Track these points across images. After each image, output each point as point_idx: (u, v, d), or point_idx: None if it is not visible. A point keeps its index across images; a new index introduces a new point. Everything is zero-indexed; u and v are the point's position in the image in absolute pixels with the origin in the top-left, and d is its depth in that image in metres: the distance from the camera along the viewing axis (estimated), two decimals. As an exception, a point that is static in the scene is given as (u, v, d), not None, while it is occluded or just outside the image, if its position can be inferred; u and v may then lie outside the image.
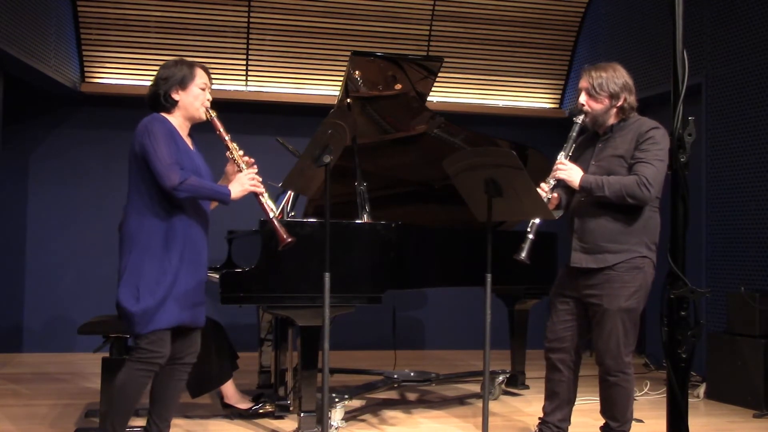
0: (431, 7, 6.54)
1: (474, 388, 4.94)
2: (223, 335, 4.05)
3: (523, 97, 7.03)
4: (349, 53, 4.07)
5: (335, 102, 4.31)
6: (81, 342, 5.42)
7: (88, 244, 6.28)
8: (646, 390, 4.87)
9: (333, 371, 4.62)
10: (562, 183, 3.25)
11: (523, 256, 3.14)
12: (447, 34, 6.69)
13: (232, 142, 3.07)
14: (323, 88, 6.57)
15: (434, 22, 6.61)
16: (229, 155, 3.08)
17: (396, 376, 4.58)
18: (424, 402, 4.59)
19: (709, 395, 4.75)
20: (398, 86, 4.31)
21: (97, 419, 3.70)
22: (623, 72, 3.25)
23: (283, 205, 4.27)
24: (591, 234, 3.20)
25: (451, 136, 4.55)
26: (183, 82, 3.00)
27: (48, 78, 5.59)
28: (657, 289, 2.40)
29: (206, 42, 6.34)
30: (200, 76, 3.04)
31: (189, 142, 3.06)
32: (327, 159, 3.16)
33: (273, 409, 4.03)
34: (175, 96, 3.00)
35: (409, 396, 4.73)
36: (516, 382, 4.92)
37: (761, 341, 4.44)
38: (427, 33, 6.64)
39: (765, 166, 4.90)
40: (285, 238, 3.05)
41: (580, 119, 3.25)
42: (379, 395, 4.62)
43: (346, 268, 3.65)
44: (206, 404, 4.24)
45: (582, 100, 3.26)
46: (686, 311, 2.06)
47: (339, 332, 4.88)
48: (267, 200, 3.07)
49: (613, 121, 3.25)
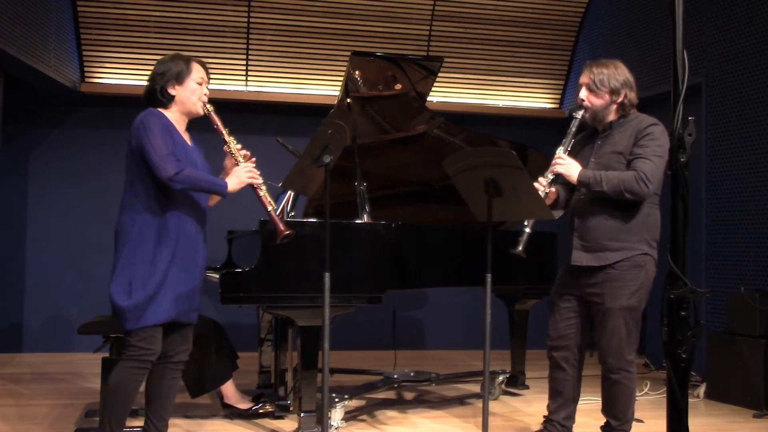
0: (431, 7, 6.54)
1: (474, 388, 4.94)
2: (223, 335, 4.05)
3: (523, 97, 7.03)
4: (349, 53, 4.07)
5: (335, 102, 4.31)
6: (81, 342, 5.42)
7: (88, 244, 6.28)
8: (646, 390, 4.87)
9: (333, 371, 4.62)
10: (560, 178, 3.25)
11: (519, 249, 3.15)
12: (447, 34, 6.69)
13: (230, 136, 3.06)
14: (323, 88, 6.57)
15: (434, 22, 6.61)
16: (227, 149, 3.06)
17: (396, 376, 4.58)
18: (424, 402, 4.59)
19: (709, 395, 4.75)
20: (398, 86, 4.31)
21: (98, 419, 3.70)
22: (624, 69, 3.25)
23: (283, 205, 4.27)
24: (591, 232, 3.19)
25: (451, 136, 4.55)
26: (179, 76, 2.98)
27: (48, 78, 5.59)
28: (657, 288, 2.40)
29: (206, 42, 6.34)
30: (197, 71, 3.02)
31: (186, 137, 3.05)
32: (327, 159, 3.16)
33: (273, 409, 4.03)
34: (172, 91, 2.98)
35: (409, 396, 4.73)
36: (516, 382, 4.93)
37: (761, 341, 4.44)
38: (427, 33, 6.64)
39: (765, 166, 4.90)
40: (283, 230, 3.02)
41: (579, 114, 3.25)
42: (379, 395, 4.62)
43: (346, 268, 3.65)
44: (206, 404, 4.24)
45: (582, 96, 3.26)
46: (686, 311, 2.06)
47: (339, 332, 4.87)
48: (265, 193, 3.04)
49: (612, 117, 3.25)
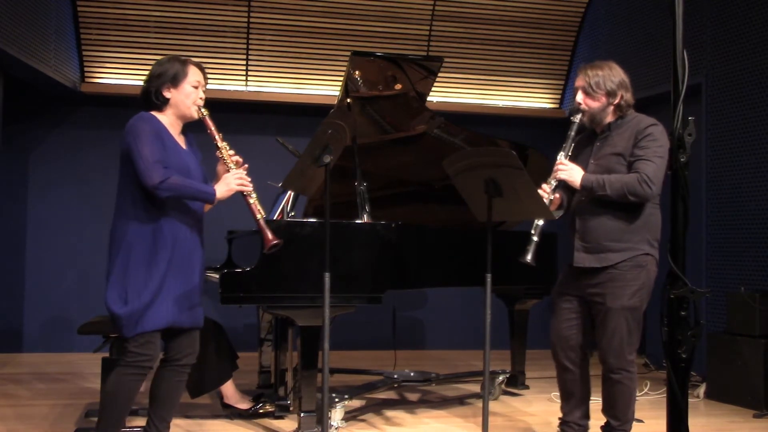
0: (431, 7, 6.54)
1: (474, 388, 4.94)
2: (223, 335, 4.04)
3: (523, 97, 7.03)
4: (349, 53, 4.07)
5: (335, 102, 4.31)
6: (81, 342, 5.43)
7: (88, 244, 6.28)
8: (646, 390, 4.87)
9: (333, 371, 4.62)
10: (563, 183, 3.25)
11: (528, 258, 3.14)
12: (447, 34, 6.69)
13: (223, 141, 3.02)
14: (323, 88, 6.57)
15: (434, 22, 6.61)
16: (219, 155, 3.03)
17: (396, 376, 4.58)
18: (424, 402, 4.59)
19: (709, 395, 4.75)
20: (398, 86, 4.31)
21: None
22: (619, 70, 3.25)
23: (283, 205, 4.26)
24: (593, 233, 3.20)
25: (451, 136, 4.55)
26: (175, 79, 2.94)
27: (48, 78, 5.59)
28: (659, 288, 2.39)
29: (206, 42, 6.34)
30: (193, 74, 2.98)
31: (181, 141, 3.01)
32: (327, 159, 3.15)
33: (273, 409, 4.03)
34: (167, 94, 2.95)
35: (409, 396, 4.73)
36: (516, 382, 4.93)
37: (761, 341, 4.44)
38: (427, 33, 6.64)
39: (765, 166, 4.90)
40: (271, 239, 2.98)
41: (577, 118, 3.25)
42: (379, 395, 4.62)
43: (346, 268, 3.65)
44: (206, 404, 4.24)
45: (579, 99, 3.26)
46: (686, 311, 2.06)
47: (339, 332, 4.87)
48: (255, 201, 2.99)
49: (610, 118, 3.25)
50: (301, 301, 3.58)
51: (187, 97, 2.96)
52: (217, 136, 3.00)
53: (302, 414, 3.60)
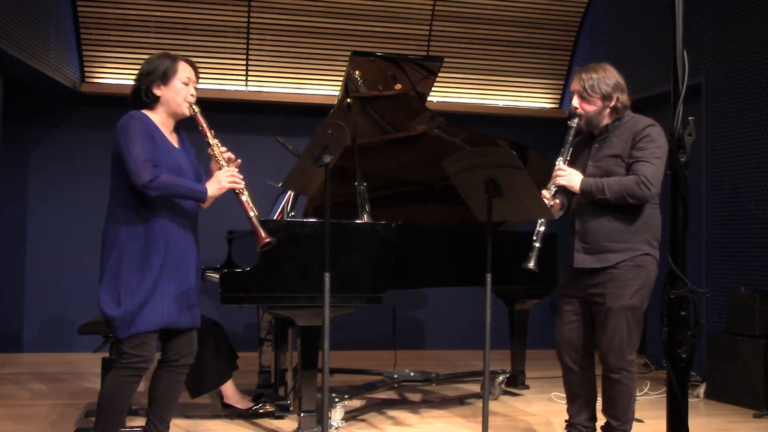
0: (431, 7, 6.54)
1: (474, 388, 4.94)
2: (223, 335, 4.04)
3: (523, 97, 7.03)
4: (349, 53, 4.07)
5: (335, 102, 4.31)
6: (80, 342, 5.43)
7: (88, 244, 6.27)
8: (646, 390, 4.87)
9: (333, 371, 4.62)
10: (563, 188, 3.26)
11: (531, 265, 3.15)
12: (447, 34, 6.69)
13: (215, 139, 2.97)
14: (323, 88, 6.57)
15: (434, 22, 6.61)
16: (211, 152, 2.98)
17: (396, 376, 4.58)
18: (424, 402, 4.59)
19: (709, 395, 4.75)
20: (398, 86, 4.31)
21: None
22: (614, 72, 3.25)
23: (283, 205, 4.26)
24: (592, 234, 3.20)
25: (451, 136, 4.55)
26: (165, 76, 2.89)
27: (48, 78, 5.59)
28: (658, 288, 2.39)
29: (206, 42, 6.34)
30: (183, 70, 2.93)
31: (173, 139, 2.97)
32: (327, 159, 3.15)
33: (273, 409, 4.03)
34: (157, 91, 2.90)
35: (409, 396, 4.73)
36: (516, 382, 4.93)
37: (761, 341, 4.44)
38: (427, 33, 6.64)
39: (765, 166, 4.90)
40: (264, 237, 2.94)
41: (574, 122, 3.26)
42: (379, 395, 4.62)
43: (346, 268, 3.65)
44: (206, 404, 4.24)
45: (575, 104, 3.26)
46: (686, 311, 2.06)
47: (339, 332, 4.88)
48: (248, 198, 2.95)
49: (607, 121, 3.26)
50: (301, 301, 3.57)
51: (178, 94, 2.92)
52: (208, 134, 2.96)
53: (302, 414, 3.60)
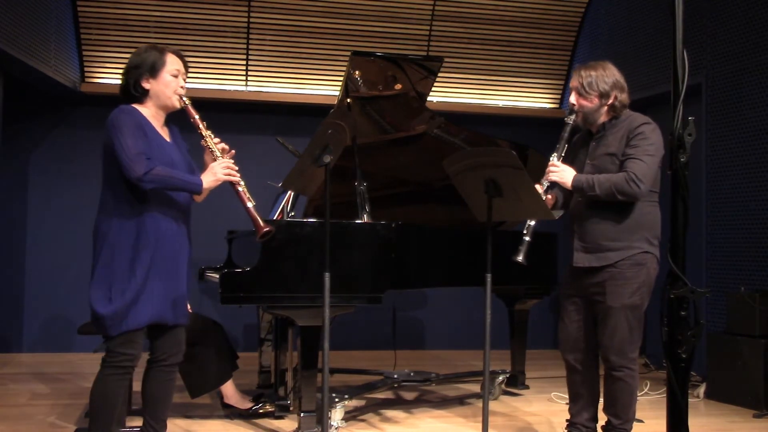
0: (431, 7, 6.54)
1: (474, 388, 4.94)
2: (223, 335, 4.05)
3: (523, 97, 7.03)
4: (349, 53, 4.07)
5: (335, 102, 4.31)
6: (80, 342, 5.43)
7: (88, 244, 6.23)
8: (646, 390, 4.87)
9: (333, 371, 4.62)
10: (557, 184, 3.26)
11: (520, 258, 3.15)
12: (447, 34, 6.69)
13: (208, 130, 2.94)
14: (323, 88, 6.57)
15: (434, 22, 6.61)
16: (204, 143, 2.95)
17: (396, 376, 4.58)
18: (424, 402, 4.59)
19: (709, 395, 4.75)
20: (398, 86, 4.31)
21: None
22: (614, 70, 3.24)
23: (283, 205, 4.26)
24: (591, 233, 3.20)
25: (451, 136, 4.55)
26: (153, 69, 2.86)
27: (48, 78, 5.59)
28: (659, 287, 2.39)
29: (206, 42, 6.34)
30: (172, 62, 2.89)
31: (165, 132, 2.94)
32: (327, 159, 3.16)
33: (273, 409, 4.03)
34: (146, 85, 2.86)
35: (409, 396, 4.73)
36: (516, 382, 4.93)
37: (761, 341, 4.43)
38: (427, 33, 6.64)
39: (765, 166, 4.90)
40: (263, 226, 2.92)
41: (570, 119, 3.26)
42: (379, 395, 4.62)
43: (346, 268, 3.65)
44: (206, 404, 4.24)
45: (572, 100, 3.27)
46: (686, 311, 2.06)
47: (339, 332, 4.88)
48: (244, 189, 2.92)
49: (604, 119, 3.26)
50: (301, 301, 3.57)
51: (167, 87, 2.88)
52: (201, 125, 2.92)
53: (302, 414, 3.60)
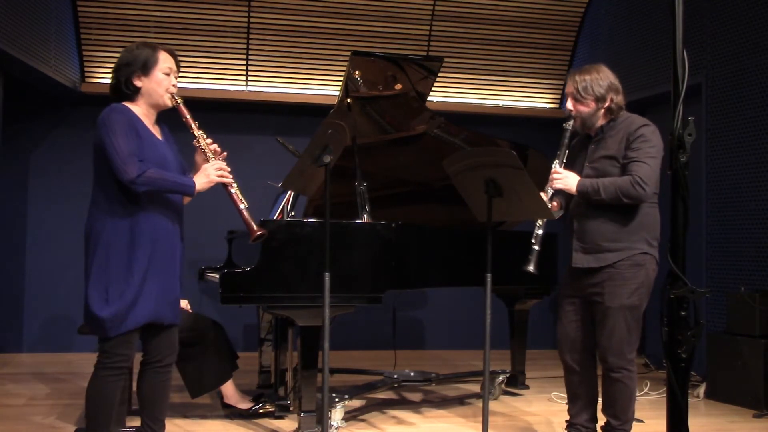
0: (431, 7, 6.54)
1: (474, 388, 4.94)
2: (223, 335, 4.05)
3: (523, 97, 7.03)
4: (349, 53, 4.07)
5: (335, 102, 4.31)
6: (81, 342, 5.43)
7: (88, 244, 6.27)
8: (646, 390, 4.87)
9: (333, 371, 4.62)
10: (560, 190, 3.26)
11: (531, 268, 3.16)
12: (447, 34, 6.69)
13: (200, 130, 2.91)
14: (323, 88, 6.57)
15: (434, 22, 6.61)
16: (196, 144, 2.92)
17: (396, 376, 4.58)
18: (424, 402, 4.59)
19: (709, 395, 4.75)
20: (398, 86, 4.31)
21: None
22: (608, 73, 3.25)
23: (283, 205, 4.26)
24: (590, 234, 3.21)
25: (451, 136, 4.55)
26: (145, 67, 2.81)
27: (48, 78, 5.59)
28: (658, 287, 2.39)
29: (206, 42, 6.34)
30: (164, 60, 2.85)
31: (156, 131, 2.90)
32: (327, 159, 3.16)
33: (273, 409, 4.03)
34: (137, 83, 2.82)
35: (409, 396, 4.73)
36: (516, 382, 4.93)
37: (761, 341, 4.43)
38: (427, 33, 6.64)
39: (765, 165, 4.90)
40: (256, 230, 2.91)
41: (569, 125, 3.27)
42: (379, 395, 4.62)
43: (346, 268, 3.65)
44: (206, 404, 4.24)
45: (569, 106, 3.27)
46: (686, 311, 2.05)
47: (339, 332, 4.88)
48: (237, 191, 2.90)
49: (602, 122, 3.26)
50: (301, 301, 3.57)
51: (159, 85, 2.84)
52: (193, 125, 2.90)
53: (302, 414, 3.60)
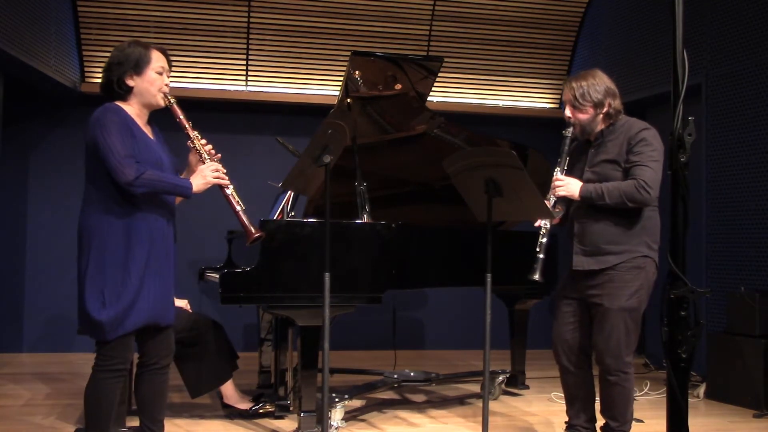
0: (431, 7, 6.54)
1: (474, 388, 4.94)
2: (222, 335, 4.05)
3: (523, 97, 7.03)
4: (349, 53, 4.07)
5: (335, 102, 4.31)
6: (81, 342, 5.42)
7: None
8: (646, 390, 4.87)
9: (333, 371, 4.62)
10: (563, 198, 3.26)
11: (536, 277, 3.16)
12: (447, 34, 6.69)
13: (194, 131, 2.89)
14: (323, 88, 6.57)
15: (434, 22, 6.61)
16: (191, 144, 2.89)
17: (396, 376, 4.58)
18: (424, 402, 4.59)
19: (709, 395, 4.75)
20: (398, 86, 4.31)
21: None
22: (604, 78, 3.25)
23: (283, 205, 4.26)
24: (590, 237, 3.21)
25: (451, 136, 4.55)
26: (138, 66, 2.78)
27: (48, 78, 5.58)
28: (658, 289, 2.40)
29: (206, 42, 6.34)
30: (157, 59, 2.82)
31: (148, 131, 2.86)
32: (327, 159, 3.16)
33: (273, 409, 4.03)
34: (130, 82, 2.79)
35: (409, 396, 4.73)
36: (516, 382, 4.93)
37: (761, 341, 4.43)
38: (427, 33, 6.64)
39: (765, 165, 4.90)
40: (253, 232, 2.91)
41: (569, 132, 3.27)
42: (379, 395, 4.62)
43: (346, 268, 3.65)
44: (206, 404, 4.24)
45: (567, 113, 3.27)
46: (686, 311, 2.05)
47: (339, 332, 4.88)
48: (233, 192, 2.88)
49: (601, 126, 3.26)
50: (301, 301, 3.57)
51: (152, 85, 2.81)
52: (187, 125, 2.87)
53: (302, 414, 3.60)
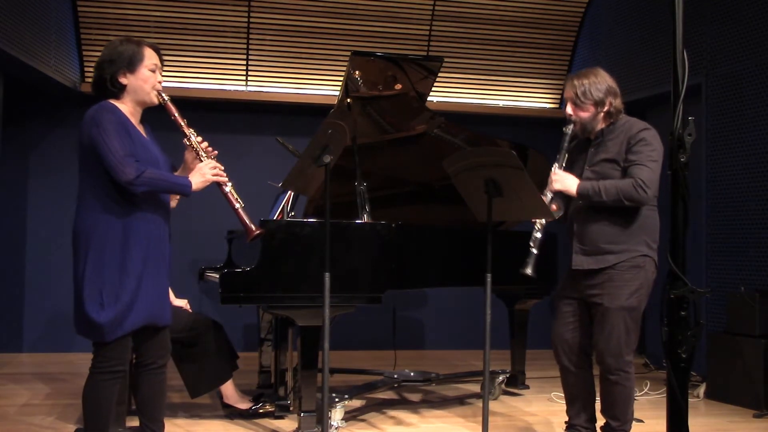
0: (431, 7, 6.54)
1: (474, 388, 4.94)
2: (222, 335, 4.05)
3: (523, 97, 7.03)
4: (349, 53, 4.07)
5: (335, 102, 4.31)
6: (81, 342, 5.41)
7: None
8: (646, 390, 4.87)
9: (333, 371, 4.61)
10: (559, 192, 3.26)
11: (529, 271, 3.16)
12: (447, 34, 6.69)
13: (189, 128, 2.86)
14: (323, 88, 6.57)
15: (434, 22, 6.61)
16: (187, 142, 2.86)
17: (396, 376, 4.58)
18: (424, 402, 4.59)
19: (709, 395, 4.75)
20: (398, 86, 4.31)
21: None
22: (605, 76, 3.26)
23: (283, 205, 4.26)
24: (590, 236, 3.21)
25: (451, 136, 4.55)
26: (131, 63, 2.75)
27: (48, 78, 5.58)
28: (658, 289, 2.40)
29: (206, 42, 6.34)
30: (150, 57, 2.79)
31: (141, 129, 2.83)
32: (327, 159, 3.16)
33: (273, 409, 4.03)
34: (123, 80, 2.75)
35: (409, 396, 4.73)
36: (516, 382, 4.92)
37: (761, 341, 4.43)
38: (427, 33, 6.64)
39: (765, 165, 4.90)
40: (253, 229, 2.89)
41: (569, 129, 3.28)
42: (379, 395, 4.62)
43: (346, 268, 3.65)
44: (206, 404, 4.24)
45: (568, 111, 3.28)
46: (686, 311, 2.05)
47: (339, 332, 4.88)
48: (231, 190, 2.86)
49: (602, 125, 3.27)
50: (301, 301, 3.57)
51: (146, 82, 2.77)
52: (182, 123, 2.84)
53: (302, 414, 3.60)
